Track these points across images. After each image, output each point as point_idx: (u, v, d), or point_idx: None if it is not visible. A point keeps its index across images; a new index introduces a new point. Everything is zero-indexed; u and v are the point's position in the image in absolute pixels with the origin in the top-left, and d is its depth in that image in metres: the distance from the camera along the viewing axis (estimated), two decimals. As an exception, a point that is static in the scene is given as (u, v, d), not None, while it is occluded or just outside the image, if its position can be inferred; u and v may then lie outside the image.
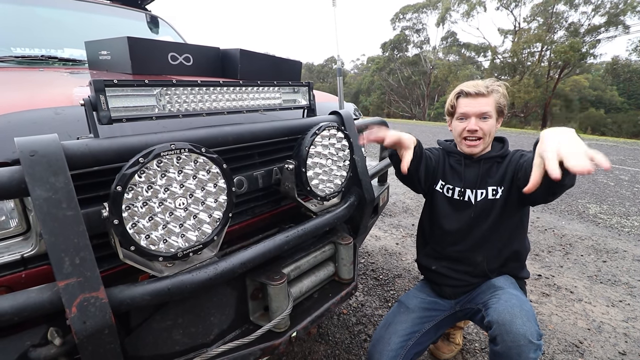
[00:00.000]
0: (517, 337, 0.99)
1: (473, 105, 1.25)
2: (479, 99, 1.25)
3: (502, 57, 24.49)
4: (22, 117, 0.73)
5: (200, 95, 0.85)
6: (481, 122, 1.26)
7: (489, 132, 1.27)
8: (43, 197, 0.56)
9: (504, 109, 1.28)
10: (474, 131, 1.26)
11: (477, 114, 1.25)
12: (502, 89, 1.27)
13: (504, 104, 1.28)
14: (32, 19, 2.13)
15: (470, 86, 1.27)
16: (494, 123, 1.28)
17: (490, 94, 1.25)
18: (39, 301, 0.55)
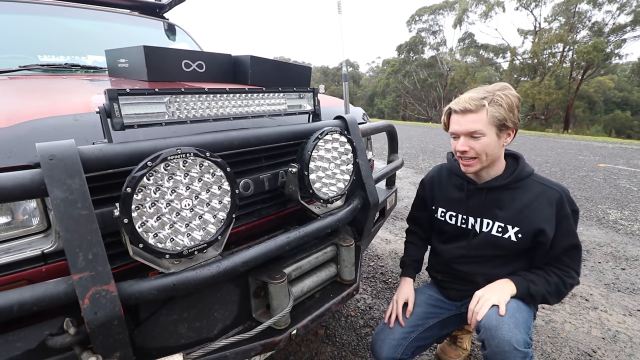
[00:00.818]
0: (502, 343, 1.00)
1: (460, 123, 1.14)
2: (467, 116, 1.12)
3: (521, 58, 23.91)
4: (44, 123, 0.79)
5: (207, 102, 0.90)
6: (472, 141, 1.13)
7: (484, 151, 1.13)
8: (60, 198, 0.61)
9: (506, 122, 1.10)
10: (464, 152, 1.15)
11: (465, 133, 1.13)
12: (504, 99, 1.09)
13: (505, 117, 1.09)
14: (58, 29, 2.26)
15: (458, 102, 1.15)
16: (490, 141, 1.12)
17: (481, 108, 1.09)
18: (55, 293, 0.60)
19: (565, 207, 1.15)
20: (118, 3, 2.69)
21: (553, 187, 1.17)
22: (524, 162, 1.23)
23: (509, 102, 1.10)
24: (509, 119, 1.10)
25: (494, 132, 1.11)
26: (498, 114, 1.09)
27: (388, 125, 1.62)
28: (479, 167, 1.17)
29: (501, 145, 1.15)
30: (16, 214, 0.74)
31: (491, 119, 1.09)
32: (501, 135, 1.13)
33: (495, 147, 1.13)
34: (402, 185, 5.04)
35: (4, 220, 0.73)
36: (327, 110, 1.43)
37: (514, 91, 1.14)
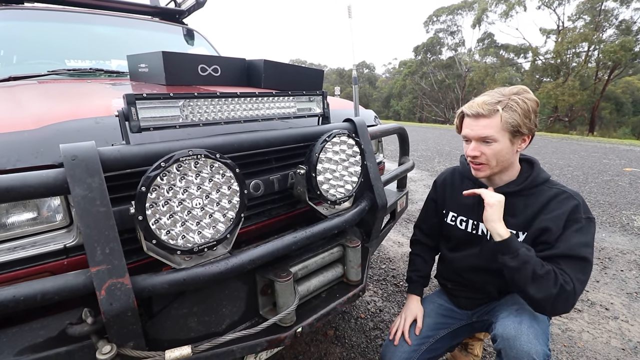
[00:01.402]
0: (520, 354, 0.97)
1: (472, 128, 1.10)
2: (479, 121, 1.08)
3: (544, 58, 23.20)
4: (68, 126, 0.85)
5: (219, 106, 0.94)
6: (483, 146, 1.09)
7: (495, 158, 1.10)
8: (81, 195, 0.65)
9: (521, 128, 1.06)
10: (475, 156, 1.12)
11: (476, 138, 1.10)
12: (520, 105, 1.05)
13: (519, 123, 1.05)
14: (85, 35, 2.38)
15: (471, 106, 1.11)
16: (503, 147, 1.08)
17: (494, 113, 1.06)
18: (75, 284, 0.65)
19: (578, 211, 1.08)
20: (140, 10, 2.80)
21: (567, 192, 1.12)
22: (539, 167, 1.18)
23: (524, 107, 1.05)
24: (524, 124, 1.06)
25: (507, 138, 1.07)
26: (512, 120, 1.05)
27: (399, 127, 1.63)
28: (489, 173, 1.14)
29: (515, 151, 1.12)
30: (41, 210, 0.79)
31: (504, 125, 1.05)
32: (515, 141, 1.09)
33: (508, 153, 1.10)
34: (416, 188, 4.99)
35: (31, 216, 0.78)
36: (337, 113, 1.45)
37: (532, 95, 1.09)
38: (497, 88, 1.14)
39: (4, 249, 0.74)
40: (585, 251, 1.04)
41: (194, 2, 2.83)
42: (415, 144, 9.73)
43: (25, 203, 0.77)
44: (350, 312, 2.11)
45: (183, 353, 0.71)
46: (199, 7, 2.91)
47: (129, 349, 0.69)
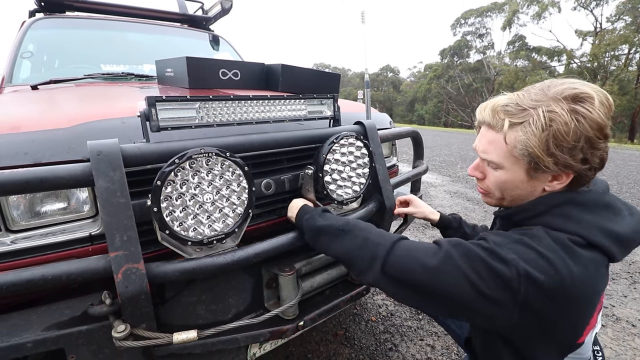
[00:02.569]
0: None
1: (479, 138, 0.81)
2: (487, 132, 0.77)
3: (579, 62, 22.11)
4: (98, 125, 0.93)
5: (232, 108, 0.99)
6: (487, 168, 0.81)
7: (498, 189, 0.79)
8: (104, 187, 0.72)
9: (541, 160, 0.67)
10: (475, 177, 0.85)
11: (480, 155, 0.81)
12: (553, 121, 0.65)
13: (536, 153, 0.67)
14: (120, 41, 2.55)
15: (483, 108, 0.78)
16: (512, 178, 0.75)
17: (510, 129, 0.70)
18: (95, 267, 0.72)
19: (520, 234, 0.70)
20: (171, 17, 2.96)
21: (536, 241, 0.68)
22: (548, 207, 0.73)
23: (560, 129, 0.64)
24: (549, 156, 0.66)
25: (522, 169, 0.72)
26: (525, 144, 0.68)
27: (412, 131, 1.63)
28: (494, 203, 0.85)
29: (538, 190, 0.75)
30: (71, 201, 0.88)
31: (515, 150, 0.70)
32: (537, 176, 0.72)
33: (521, 188, 0.75)
34: (436, 193, 4.91)
35: (62, 206, 0.87)
36: (350, 116, 1.48)
37: (597, 109, 0.64)
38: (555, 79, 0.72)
39: (38, 234, 0.82)
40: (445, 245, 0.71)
41: (220, 9, 2.96)
42: (439, 149, 9.54)
43: (57, 194, 0.86)
44: (361, 315, 2.12)
45: (189, 336, 0.76)
46: (225, 14, 3.04)
47: (141, 330, 0.76)
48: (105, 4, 2.56)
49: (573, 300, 0.64)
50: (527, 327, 0.66)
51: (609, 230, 0.68)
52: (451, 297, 0.66)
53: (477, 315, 0.67)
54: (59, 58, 2.26)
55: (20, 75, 1.95)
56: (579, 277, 0.63)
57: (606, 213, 0.71)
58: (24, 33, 2.12)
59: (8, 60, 1.97)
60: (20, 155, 0.78)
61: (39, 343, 0.75)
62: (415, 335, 1.94)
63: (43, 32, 2.23)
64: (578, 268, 0.63)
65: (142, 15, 2.80)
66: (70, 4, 2.43)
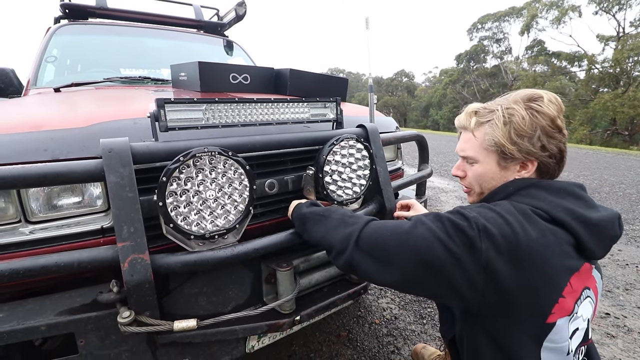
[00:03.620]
0: None
1: (459, 143, 0.94)
2: (465, 134, 0.92)
3: (601, 67, 21.47)
4: (112, 125, 0.99)
5: (237, 110, 1.04)
6: (466, 166, 0.93)
7: (477, 182, 0.90)
8: (114, 182, 0.78)
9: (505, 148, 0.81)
10: (458, 177, 0.97)
11: (460, 154, 0.94)
12: (513, 117, 0.80)
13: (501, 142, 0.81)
14: (139, 46, 2.66)
15: (459, 116, 0.95)
16: (486, 170, 0.87)
17: (478, 127, 0.86)
18: (104, 256, 0.77)
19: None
20: (187, 24, 3.08)
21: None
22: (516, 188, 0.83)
23: (518, 122, 0.79)
24: (512, 144, 0.80)
25: (494, 160, 0.85)
26: (492, 137, 0.83)
27: (416, 135, 1.65)
28: (475, 199, 0.95)
29: (510, 179, 0.86)
30: (85, 196, 0.94)
31: (484, 143, 0.85)
32: (508, 167, 0.84)
33: (495, 179, 0.87)
34: (447, 199, 4.86)
35: (77, 200, 0.93)
36: (355, 119, 1.51)
37: (547, 106, 0.80)
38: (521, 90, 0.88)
39: (54, 226, 0.89)
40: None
41: (234, 15, 3.05)
42: (452, 155, 9.43)
43: (73, 189, 0.92)
44: (365, 317, 2.13)
45: (189, 325, 0.81)
46: (239, 20, 3.13)
47: (145, 317, 0.80)
48: (125, 11, 2.69)
49: (530, 264, 0.68)
50: (493, 300, 0.70)
51: (573, 211, 0.74)
52: (424, 261, 0.70)
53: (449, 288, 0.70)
54: (82, 62, 2.38)
55: (44, 79, 2.07)
56: (535, 241, 0.69)
57: (575, 200, 0.78)
58: (49, 39, 2.24)
59: (33, 64, 2.09)
60: (40, 151, 0.84)
61: (52, 327, 0.81)
62: (418, 339, 1.93)
63: (67, 38, 2.36)
64: (535, 232, 0.70)
65: (161, 21, 2.92)
66: (93, 12, 2.56)
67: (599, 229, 0.75)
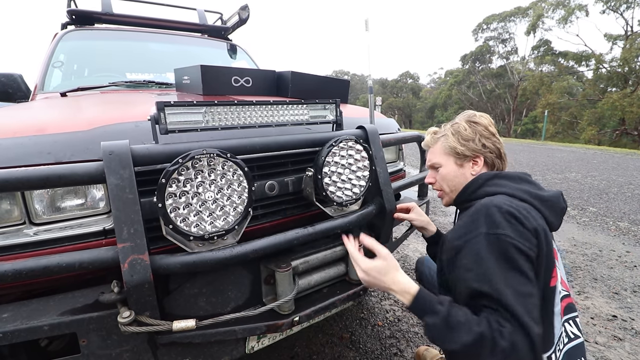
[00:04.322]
0: None
1: (427, 159, 1.23)
2: (430, 149, 1.22)
3: (609, 66, 21.19)
4: (114, 128, 1.01)
5: (237, 113, 1.05)
6: (435, 172, 1.19)
7: (444, 182, 1.15)
8: (114, 184, 0.79)
9: (458, 149, 1.10)
10: (431, 184, 1.22)
11: (428, 166, 1.21)
12: (458, 129, 1.11)
13: (454, 146, 1.10)
14: (144, 51, 2.70)
15: (425, 140, 1.25)
16: (449, 170, 1.13)
17: (438, 140, 1.18)
18: (104, 257, 0.78)
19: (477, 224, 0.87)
20: (191, 28, 3.11)
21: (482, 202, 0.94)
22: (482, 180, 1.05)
23: (463, 131, 1.11)
24: (464, 146, 1.10)
25: (452, 162, 1.13)
26: (448, 144, 1.13)
27: (417, 136, 1.65)
28: (448, 199, 1.18)
29: (467, 175, 1.11)
30: (88, 198, 0.95)
31: (444, 149, 1.15)
32: (463, 164, 1.12)
33: (457, 176, 1.12)
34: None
35: (80, 202, 0.95)
36: (355, 121, 1.52)
37: (480, 119, 1.13)
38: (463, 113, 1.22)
39: (57, 227, 0.90)
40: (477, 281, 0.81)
41: (238, 19, 3.08)
42: (457, 156, 9.36)
43: (76, 191, 0.94)
44: (367, 319, 2.13)
45: (188, 325, 0.81)
46: (242, 24, 3.16)
47: (145, 317, 0.81)
48: (131, 17, 2.73)
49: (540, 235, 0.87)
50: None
51: (529, 192, 0.98)
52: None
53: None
54: (88, 67, 2.43)
55: (51, 83, 2.11)
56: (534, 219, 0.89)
57: (528, 185, 1.02)
58: (56, 44, 2.29)
59: (41, 69, 2.13)
60: (44, 154, 0.86)
61: (55, 327, 0.82)
62: (421, 341, 1.92)
63: (73, 43, 2.40)
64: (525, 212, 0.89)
65: (165, 26, 2.96)
66: (99, 17, 2.61)
67: (551, 203, 0.97)
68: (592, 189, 5.32)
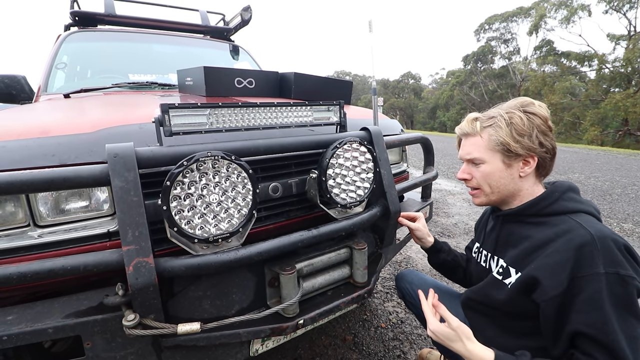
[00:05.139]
0: None
1: (462, 147, 1.03)
2: (467, 139, 1.00)
3: (611, 66, 21.11)
4: (118, 130, 1.01)
5: (241, 114, 1.05)
6: (473, 168, 1.00)
7: (486, 182, 0.98)
8: (119, 186, 0.79)
9: (510, 146, 0.90)
10: (464, 180, 1.04)
11: (465, 159, 1.02)
12: (513, 119, 0.91)
13: (506, 142, 0.91)
14: (147, 52, 2.70)
15: (460, 125, 1.04)
16: (493, 169, 0.95)
17: (482, 130, 0.96)
18: (109, 259, 0.78)
19: (591, 260, 0.77)
20: (194, 29, 3.12)
21: (586, 228, 0.81)
22: (560, 193, 0.93)
23: (519, 122, 0.91)
24: (516, 143, 0.90)
25: (499, 159, 0.94)
26: (496, 138, 0.92)
27: (421, 137, 1.64)
28: (485, 200, 1.02)
29: (515, 176, 0.95)
30: (92, 200, 0.95)
31: (490, 144, 0.94)
32: (512, 164, 0.94)
33: (503, 177, 0.95)
34: (454, 201, 4.82)
35: (84, 204, 0.94)
36: (359, 122, 1.51)
37: (540, 109, 0.93)
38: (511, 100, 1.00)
39: (62, 229, 0.90)
40: (612, 328, 0.73)
41: (240, 20, 3.08)
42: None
43: (80, 193, 0.94)
44: (370, 321, 2.12)
45: (193, 328, 0.81)
46: (245, 25, 3.16)
47: (150, 320, 0.81)
48: (133, 18, 2.74)
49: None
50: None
51: (595, 206, 0.93)
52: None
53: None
54: (91, 68, 2.43)
55: (55, 85, 2.11)
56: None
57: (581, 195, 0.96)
58: (59, 45, 2.29)
59: (44, 71, 2.14)
60: (49, 156, 0.86)
61: (59, 329, 0.82)
62: (425, 343, 1.91)
63: (77, 45, 2.41)
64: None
65: (168, 27, 2.96)
66: (102, 19, 2.61)
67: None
68: (595, 190, 5.30)
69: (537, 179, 0.98)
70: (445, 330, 0.89)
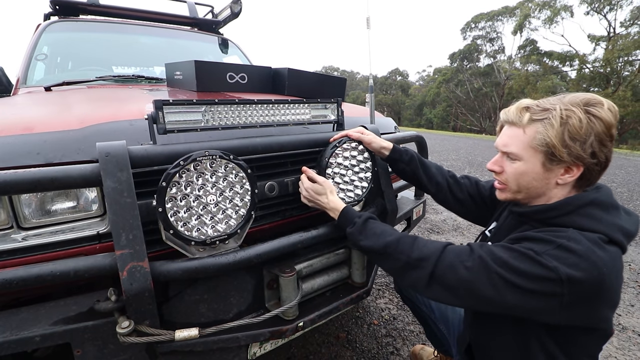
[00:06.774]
0: None
1: (500, 137, 0.90)
2: (511, 128, 0.86)
3: (592, 67, 21.77)
4: (107, 127, 0.96)
5: (237, 112, 1.02)
6: (506, 162, 0.88)
7: (515, 180, 0.86)
8: (111, 187, 0.75)
9: (555, 149, 0.76)
10: (493, 171, 0.92)
11: (501, 150, 0.89)
12: (569, 118, 0.76)
13: (552, 144, 0.76)
14: (131, 44, 2.60)
15: (508, 110, 0.89)
16: (529, 169, 0.82)
17: (530, 124, 0.81)
18: (102, 264, 0.74)
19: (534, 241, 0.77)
20: (181, 21, 3.02)
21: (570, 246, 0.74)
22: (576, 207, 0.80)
23: (575, 124, 0.75)
24: (564, 147, 0.76)
25: (538, 161, 0.81)
26: (543, 137, 0.78)
27: (416, 135, 1.64)
28: (510, 197, 0.91)
29: (551, 182, 0.82)
30: (80, 200, 0.90)
31: (533, 142, 0.80)
32: (552, 169, 0.80)
33: (537, 180, 0.83)
34: (442, 197, 4.87)
35: (71, 204, 0.89)
36: (354, 120, 1.50)
37: (605, 113, 0.76)
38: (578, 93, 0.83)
39: (47, 232, 0.85)
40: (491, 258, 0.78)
41: (229, 13, 3.00)
42: (446, 154, 9.48)
43: (67, 193, 0.89)
44: (363, 318, 2.12)
45: (191, 334, 0.78)
46: (234, 18, 3.08)
47: (145, 326, 0.78)
48: (117, 8, 2.63)
49: (610, 290, 0.73)
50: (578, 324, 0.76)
51: (621, 227, 0.78)
52: (502, 307, 0.77)
53: (527, 316, 0.77)
54: (72, 60, 2.32)
55: (34, 77, 2.01)
56: (612, 269, 0.72)
57: (616, 212, 0.80)
58: (38, 36, 2.18)
59: (23, 62, 2.03)
60: (33, 155, 0.81)
61: (47, 337, 0.77)
62: (417, 339, 1.93)
63: (57, 35, 2.29)
64: (611, 262, 0.72)
65: (154, 18, 2.86)
66: (84, 8, 2.50)
67: (632, 236, 0.80)
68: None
69: (575, 190, 0.83)
70: (315, 186, 1.05)
